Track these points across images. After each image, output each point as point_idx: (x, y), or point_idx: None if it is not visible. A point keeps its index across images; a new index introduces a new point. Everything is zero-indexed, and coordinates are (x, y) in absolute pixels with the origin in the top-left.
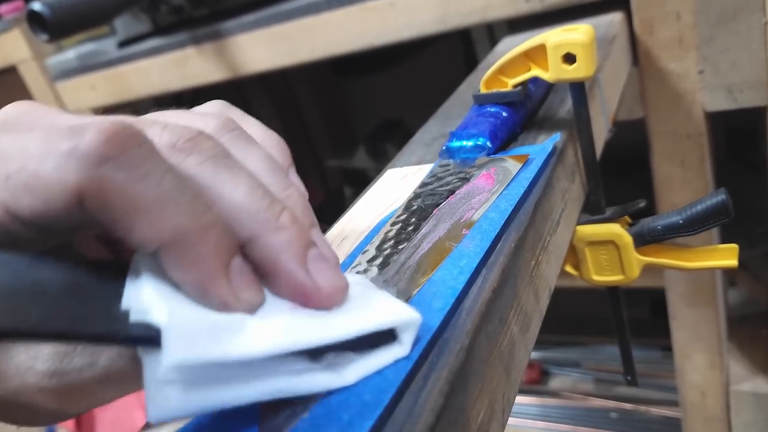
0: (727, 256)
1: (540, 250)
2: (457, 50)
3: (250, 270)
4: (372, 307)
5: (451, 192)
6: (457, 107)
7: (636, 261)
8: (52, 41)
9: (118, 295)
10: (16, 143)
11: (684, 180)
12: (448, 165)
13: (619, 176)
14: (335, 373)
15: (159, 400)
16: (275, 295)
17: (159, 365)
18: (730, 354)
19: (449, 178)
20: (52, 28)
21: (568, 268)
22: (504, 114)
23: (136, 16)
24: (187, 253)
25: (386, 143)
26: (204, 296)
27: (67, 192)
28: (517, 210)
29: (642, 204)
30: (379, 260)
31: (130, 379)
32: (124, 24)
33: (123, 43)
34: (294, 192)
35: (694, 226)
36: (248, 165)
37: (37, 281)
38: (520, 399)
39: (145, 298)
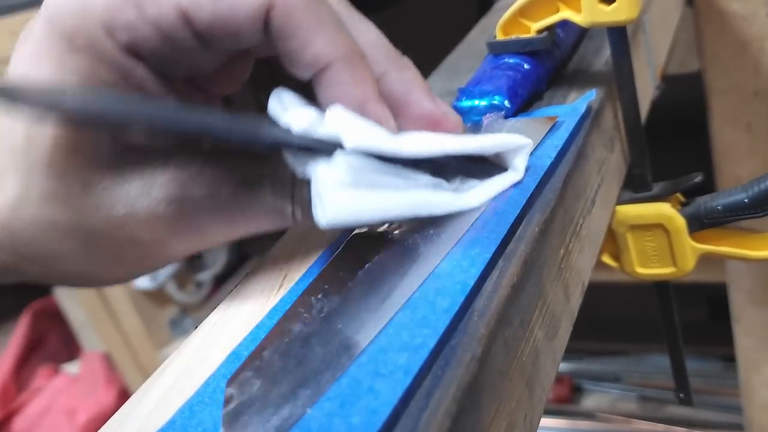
0: None
1: (571, 236)
2: None
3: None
4: (486, 136)
5: None
6: (467, 58)
7: (690, 249)
8: None
9: (271, 122)
10: None
11: (750, 148)
12: None
13: (670, 144)
14: (461, 196)
15: (331, 204)
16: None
17: (331, 169)
18: None
19: None
20: None
21: (606, 259)
22: (526, 66)
23: None
24: (353, 71)
25: None
26: (362, 114)
27: (259, 5)
28: (542, 186)
29: (698, 178)
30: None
31: (245, 217)
32: None
33: None
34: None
35: (762, 206)
36: None
37: (200, 110)
38: (545, 421)
39: (303, 118)
